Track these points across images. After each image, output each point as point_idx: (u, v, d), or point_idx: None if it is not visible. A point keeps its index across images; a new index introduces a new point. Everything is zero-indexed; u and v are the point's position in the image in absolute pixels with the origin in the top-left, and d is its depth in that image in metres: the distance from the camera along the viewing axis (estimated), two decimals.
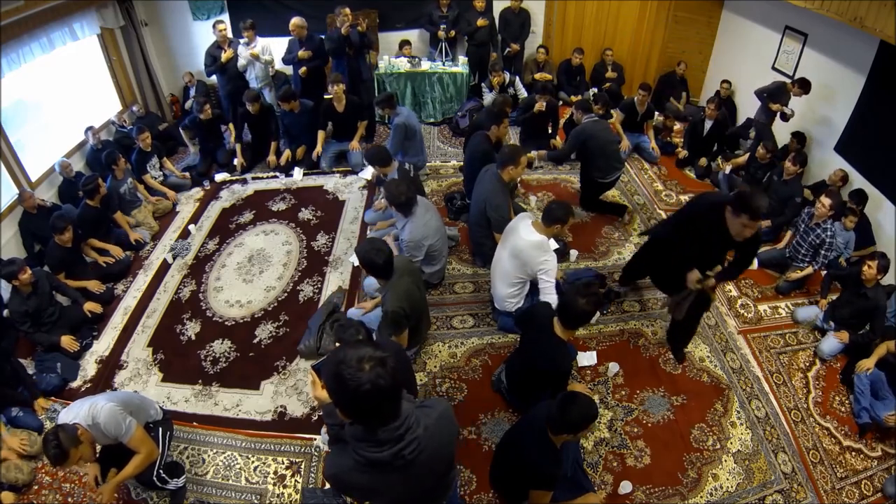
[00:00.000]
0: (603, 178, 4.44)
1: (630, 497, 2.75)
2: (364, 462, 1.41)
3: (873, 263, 3.35)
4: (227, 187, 5.31)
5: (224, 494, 2.78)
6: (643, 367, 3.42)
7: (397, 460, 1.41)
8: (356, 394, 1.27)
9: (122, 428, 2.35)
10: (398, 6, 6.60)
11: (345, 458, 1.47)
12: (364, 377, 1.26)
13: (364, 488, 1.51)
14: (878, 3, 3.60)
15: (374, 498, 1.58)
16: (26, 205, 4.11)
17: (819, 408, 3.22)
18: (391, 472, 1.44)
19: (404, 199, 3.37)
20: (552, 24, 6.90)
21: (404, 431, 1.41)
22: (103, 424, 2.31)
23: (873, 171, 4.29)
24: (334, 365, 1.31)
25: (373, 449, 1.39)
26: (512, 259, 3.25)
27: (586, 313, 2.43)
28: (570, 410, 2.14)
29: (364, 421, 1.38)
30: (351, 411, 1.36)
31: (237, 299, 3.99)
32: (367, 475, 1.44)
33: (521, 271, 3.24)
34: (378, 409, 1.33)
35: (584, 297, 2.40)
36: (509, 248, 3.28)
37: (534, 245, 3.14)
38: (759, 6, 5.56)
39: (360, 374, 1.27)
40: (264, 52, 5.66)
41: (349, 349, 1.33)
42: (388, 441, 1.39)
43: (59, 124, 5.13)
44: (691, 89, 6.65)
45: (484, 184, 3.73)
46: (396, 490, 1.52)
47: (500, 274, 3.39)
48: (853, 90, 4.43)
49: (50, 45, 4.68)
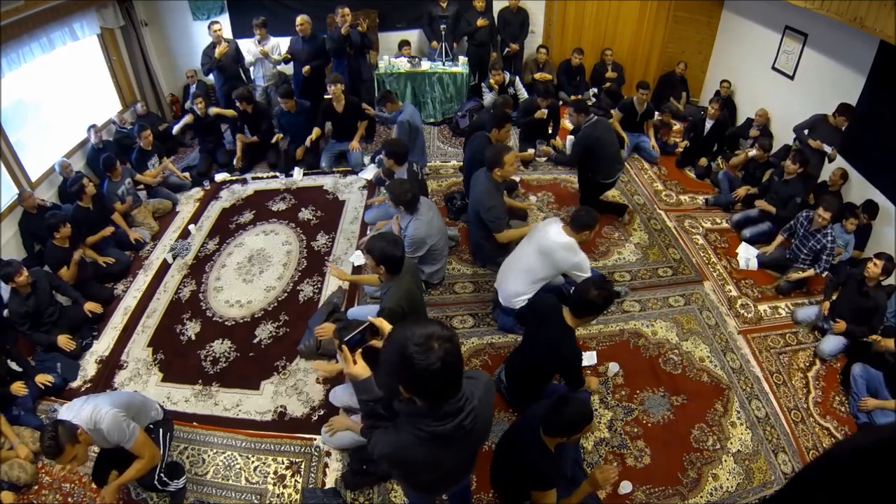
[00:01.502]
0: (605, 179, 4.43)
1: (630, 497, 2.75)
2: (426, 436, 1.44)
3: (879, 262, 3.33)
4: (227, 187, 5.31)
5: (224, 494, 2.77)
6: (643, 367, 3.42)
7: (458, 431, 1.44)
8: (426, 372, 1.29)
9: (125, 434, 2.34)
10: (398, 6, 6.60)
11: (401, 434, 1.50)
12: (434, 356, 1.28)
13: (419, 462, 1.53)
14: (878, 3, 3.60)
15: (424, 472, 1.60)
16: (26, 205, 4.11)
17: (819, 408, 3.22)
18: (450, 444, 1.48)
19: (410, 196, 3.38)
20: (552, 24, 6.90)
21: (464, 403, 1.45)
22: (106, 431, 2.29)
23: (873, 171, 4.29)
24: (400, 344, 1.31)
25: (436, 423, 1.42)
26: (540, 257, 3.22)
27: (597, 304, 2.50)
28: (564, 412, 2.14)
29: (431, 397, 1.40)
30: (419, 389, 1.38)
31: (237, 299, 3.99)
32: (425, 449, 1.47)
33: (549, 271, 3.24)
34: (446, 386, 1.37)
35: (598, 290, 2.48)
36: (536, 246, 3.25)
37: (565, 247, 3.16)
38: (759, 6, 5.56)
39: (430, 352, 1.28)
40: (273, 52, 5.68)
41: (415, 327, 1.34)
42: (450, 414, 1.42)
43: (59, 124, 5.13)
44: (691, 89, 6.65)
45: (477, 186, 3.72)
46: (448, 462, 1.56)
47: (520, 270, 3.31)
48: (853, 90, 4.43)
49: (50, 45, 4.68)
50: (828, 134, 4.46)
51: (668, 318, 3.77)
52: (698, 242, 4.52)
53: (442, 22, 6.09)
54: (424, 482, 1.74)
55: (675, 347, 3.55)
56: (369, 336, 1.59)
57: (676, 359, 3.48)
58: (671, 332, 3.66)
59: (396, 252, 2.70)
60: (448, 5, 6.14)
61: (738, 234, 4.57)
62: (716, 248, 4.46)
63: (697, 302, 3.91)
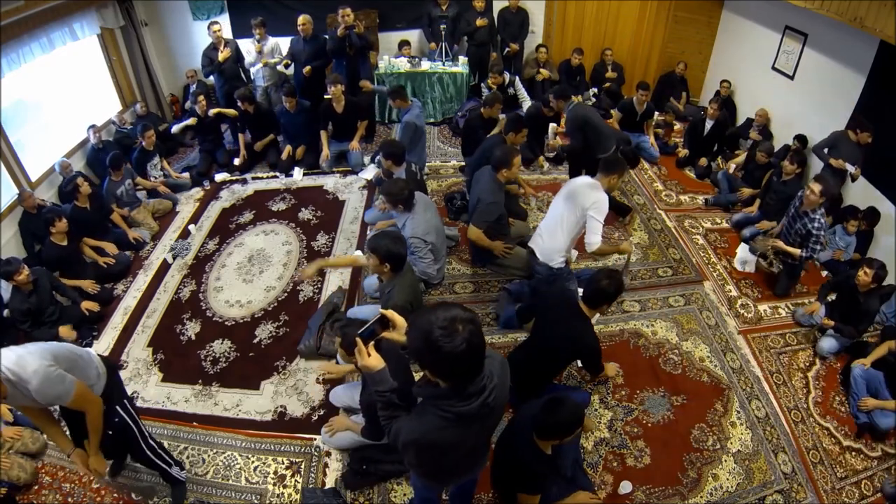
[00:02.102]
0: (605, 153, 4.34)
1: (630, 497, 2.75)
2: (452, 417, 1.48)
3: (870, 271, 3.29)
4: (227, 187, 5.31)
5: (224, 494, 2.77)
6: (643, 367, 3.42)
7: (483, 409, 1.49)
8: (452, 355, 1.32)
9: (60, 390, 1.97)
10: (398, 6, 6.60)
11: (425, 419, 1.53)
12: (459, 338, 1.32)
13: (446, 444, 1.55)
14: (878, 3, 3.60)
15: (450, 454, 1.62)
16: (26, 205, 4.11)
17: (819, 408, 3.22)
18: (474, 422, 1.52)
19: (406, 194, 3.36)
20: (552, 23, 6.89)
21: (487, 382, 1.49)
22: (36, 390, 1.90)
23: (873, 171, 4.28)
24: (424, 330, 1.35)
25: (462, 403, 1.46)
26: (567, 201, 3.30)
27: (608, 293, 2.64)
28: (555, 415, 2.14)
29: (457, 379, 1.44)
30: (446, 372, 1.42)
31: (237, 299, 3.99)
32: (452, 430, 1.50)
33: (574, 212, 3.26)
34: (471, 367, 1.41)
35: (608, 279, 2.64)
36: (564, 193, 3.37)
37: (588, 184, 3.26)
38: (759, 6, 5.56)
39: (455, 335, 1.32)
40: (274, 52, 5.68)
41: (438, 311, 1.37)
42: (474, 394, 1.46)
43: (59, 124, 5.13)
44: (691, 89, 6.64)
45: (481, 183, 3.73)
46: (471, 440, 1.61)
47: (552, 221, 3.38)
48: (853, 90, 4.43)
49: (50, 45, 4.68)
50: (850, 152, 4.22)
51: (668, 318, 3.77)
52: (698, 242, 4.52)
53: (442, 22, 6.09)
54: (446, 466, 1.78)
55: (675, 347, 3.55)
56: (380, 329, 1.61)
57: (676, 359, 3.48)
58: (671, 332, 3.66)
59: (401, 250, 2.71)
60: (448, 6, 6.14)
61: (739, 234, 4.57)
62: (716, 248, 4.46)
63: (697, 302, 3.91)
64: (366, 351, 1.58)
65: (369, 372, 1.61)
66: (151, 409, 3.21)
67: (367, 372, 1.62)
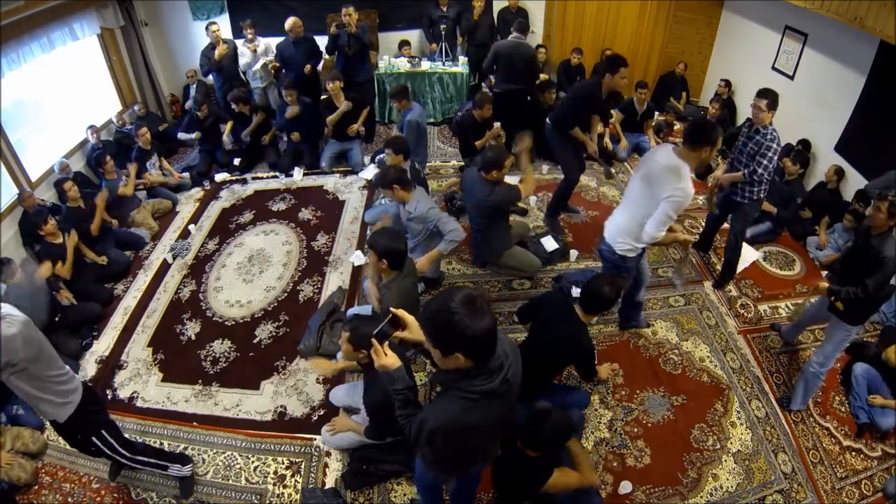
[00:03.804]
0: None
1: (630, 497, 2.75)
2: (476, 397, 1.51)
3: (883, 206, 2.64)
4: (227, 187, 5.31)
5: (224, 494, 2.77)
6: (643, 367, 3.42)
7: (503, 385, 1.54)
8: (477, 332, 1.38)
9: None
10: (398, 6, 6.60)
11: (451, 404, 1.56)
12: (480, 314, 1.39)
13: (471, 426, 1.57)
14: (878, 3, 3.60)
15: (472, 437, 1.63)
16: (26, 205, 4.11)
17: (819, 408, 3.22)
18: (497, 400, 1.56)
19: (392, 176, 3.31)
20: (552, 23, 6.90)
21: (504, 358, 1.55)
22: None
23: (873, 171, 4.28)
24: (443, 317, 1.39)
25: (485, 382, 1.51)
26: (643, 184, 2.80)
27: (608, 299, 2.56)
28: (541, 428, 2.13)
29: (481, 356, 1.48)
30: (470, 350, 1.45)
31: (237, 299, 3.99)
32: (477, 411, 1.54)
33: (652, 198, 2.71)
34: (493, 342, 1.47)
35: (609, 285, 2.55)
36: (642, 172, 2.85)
37: (670, 168, 2.64)
38: (759, 6, 5.56)
39: (476, 313, 1.38)
40: (267, 53, 5.68)
41: (452, 294, 1.42)
42: (495, 370, 1.52)
43: (59, 124, 5.13)
44: (691, 89, 6.64)
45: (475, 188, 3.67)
46: (494, 420, 1.64)
47: (626, 203, 2.96)
48: (853, 90, 4.43)
49: (50, 45, 4.68)
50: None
51: (668, 318, 3.77)
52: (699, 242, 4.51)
53: (442, 22, 6.09)
54: (468, 452, 1.79)
55: (675, 347, 3.55)
56: (391, 329, 1.63)
57: (676, 359, 3.48)
58: (671, 332, 3.66)
59: (399, 246, 2.71)
60: (448, 7, 6.14)
61: None
62: (716, 247, 4.46)
63: (697, 302, 3.91)
64: (382, 351, 1.61)
65: (387, 371, 1.64)
66: (151, 409, 3.21)
67: (384, 371, 1.65)
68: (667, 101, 6.41)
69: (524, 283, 4.05)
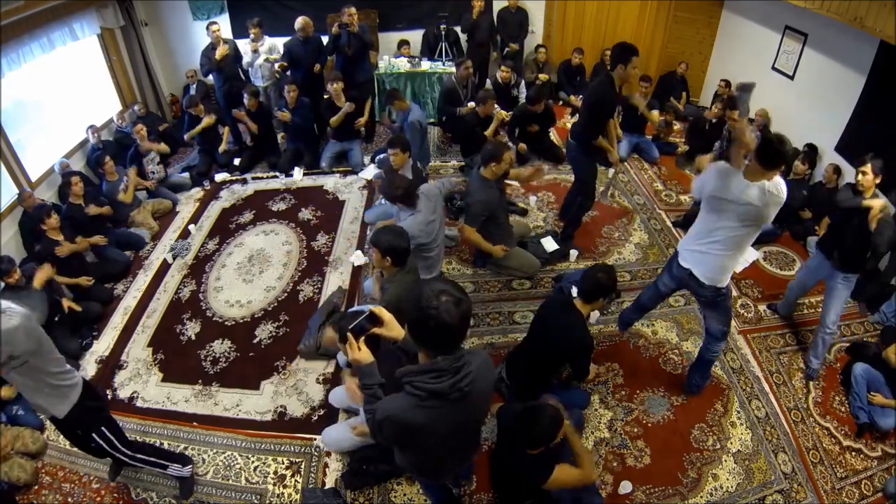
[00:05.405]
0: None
1: (630, 497, 2.75)
2: (424, 395, 1.53)
3: (867, 168, 2.73)
4: (227, 187, 5.31)
5: (224, 494, 2.77)
6: (643, 367, 3.42)
7: (454, 392, 1.54)
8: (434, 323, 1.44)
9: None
10: (398, 6, 6.60)
11: (399, 397, 1.60)
12: (442, 307, 1.45)
13: (416, 426, 1.59)
14: (878, 3, 3.60)
15: (423, 437, 1.64)
16: (26, 205, 4.10)
17: (819, 408, 3.22)
18: (447, 406, 1.56)
19: (401, 192, 3.30)
20: (552, 23, 6.90)
21: (461, 365, 1.55)
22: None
23: None
24: (417, 297, 1.50)
25: (433, 380, 1.52)
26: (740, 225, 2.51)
27: (605, 286, 2.62)
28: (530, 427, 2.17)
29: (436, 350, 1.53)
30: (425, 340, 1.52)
31: (237, 299, 3.99)
32: (424, 411, 1.55)
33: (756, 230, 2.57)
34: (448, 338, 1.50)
35: (604, 272, 2.64)
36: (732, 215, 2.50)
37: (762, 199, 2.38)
38: (759, 6, 5.56)
39: (440, 305, 1.45)
40: (272, 52, 5.67)
41: (435, 284, 1.53)
42: (447, 371, 1.52)
43: (59, 124, 5.13)
44: (691, 89, 6.64)
45: (471, 183, 3.70)
46: (445, 427, 1.64)
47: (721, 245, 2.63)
48: (853, 90, 4.42)
49: (50, 45, 4.68)
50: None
51: (668, 318, 3.77)
52: None
53: (442, 22, 6.09)
54: (423, 452, 1.80)
55: (675, 347, 3.55)
56: (369, 325, 1.65)
57: (676, 359, 3.48)
58: (671, 332, 3.66)
59: (402, 243, 2.71)
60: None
61: None
62: None
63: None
64: (356, 345, 1.63)
65: (359, 365, 1.67)
66: (151, 409, 3.21)
67: (356, 365, 1.68)
68: (667, 102, 6.41)
69: (524, 283, 4.05)
